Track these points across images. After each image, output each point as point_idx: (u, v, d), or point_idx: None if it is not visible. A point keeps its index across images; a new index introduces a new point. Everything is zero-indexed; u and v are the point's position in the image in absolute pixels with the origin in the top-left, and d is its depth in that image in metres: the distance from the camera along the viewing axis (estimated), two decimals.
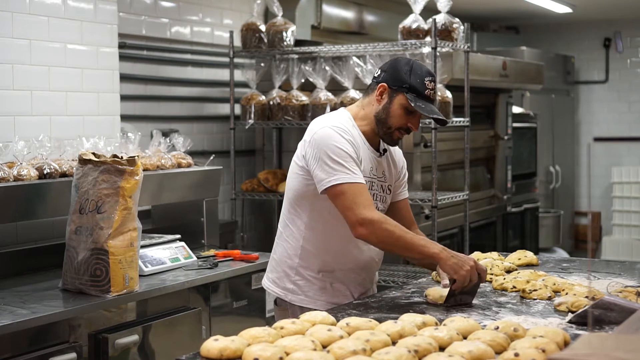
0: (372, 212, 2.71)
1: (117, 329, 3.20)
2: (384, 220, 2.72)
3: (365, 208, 2.70)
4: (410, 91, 2.81)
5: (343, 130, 2.79)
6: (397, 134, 2.88)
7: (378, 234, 2.71)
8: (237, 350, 2.07)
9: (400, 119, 2.84)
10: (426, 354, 2.05)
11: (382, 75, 2.88)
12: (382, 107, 2.86)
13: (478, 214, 6.13)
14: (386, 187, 2.98)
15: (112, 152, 3.60)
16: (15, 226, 3.73)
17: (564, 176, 8.75)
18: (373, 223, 2.69)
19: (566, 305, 2.60)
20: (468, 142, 4.96)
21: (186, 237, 3.99)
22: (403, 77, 2.82)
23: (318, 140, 2.78)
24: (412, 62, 2.87)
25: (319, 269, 2.89)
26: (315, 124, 2.87)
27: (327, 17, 5.95)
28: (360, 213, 2.70)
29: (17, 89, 3.81)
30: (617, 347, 1.58)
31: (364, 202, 2.71)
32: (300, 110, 4.98)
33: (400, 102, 2.83)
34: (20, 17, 3.82)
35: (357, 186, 2.72)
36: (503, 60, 6.10)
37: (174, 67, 5.15)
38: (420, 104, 2.81)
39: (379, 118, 2.86)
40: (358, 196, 2.71)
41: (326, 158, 2.74)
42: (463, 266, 2.65)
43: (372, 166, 2.91)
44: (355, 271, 2.93)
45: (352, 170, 2.74)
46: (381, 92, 2.86)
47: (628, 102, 9.30)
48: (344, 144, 2.76)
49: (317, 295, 2.89)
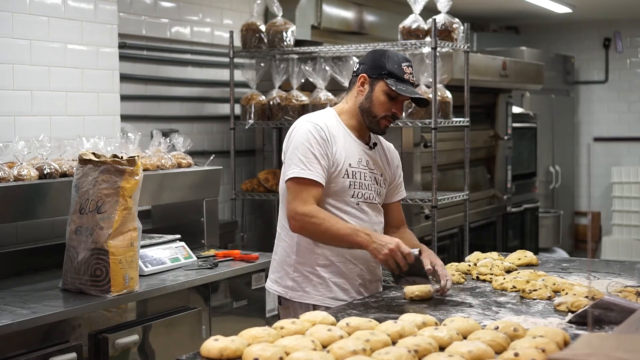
0: (304, 207, 2.78)
1: (117, 329, 3.20)
2: (314, 214, 2.78)
3: (302, 203, 2.79)
4: (389, 77, 2.89)
5: (318, 125, 2.87)
6: (383, 122, 2.94)
7: (307, 227, 2.80)
8: (237, 350, 2.07)
9: (383, 105, 2.91)
10: (426, 354, 2.05)
11: (361, 67, 2.96)
12: (365, 97, 2.93)
13: (478, 214, 6.13)
14: (380, 180, 3.02)
15: (112, 152, 3.60)
16: (15, 226, 3.73)
17: (564, 176, 8.75)
18: (302, 217, 2.78)
19: (566, 305, 2.60)
20: (468, 142, 4.96)
21: (186, 237, 3.99)
22: (381, 64, 2.90)
23: (291, 135, 2.90)
24: (387, 50, 2.97)
25: (316, 263, 2.92)
26: (298, 120, 2.97)
27: (327, 17, 5.95)
28: (294, 208, 2.80)
29: (17, 89, 3.81)
30: (617, 347, 1.59)
31: (303, 197, 2.79)
32: (300, 110, 4.98)
33: (382, 89, 2.90)
34: (20, 17, 3.82)
35: (304, 182, 2.80)
36: (503, 60, 6.10)
37: (174, 67, 5.15)
38: (401, 87, 2.89)
39: (363, 108, 2.93)
40: (300, 191, 2.80)
41: (291, 152, 2.86)
42: (382, 249, 2.72)
43: (361, 158, 2.96)
44: (352, 262, 2.95)
45: (307, 166, 2.81)
46: (362, 83, 2.93)
47: (628, 102, 9.30)
48: (310, 140, 2.83)
49: (315, 291, 2.91)
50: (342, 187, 2.90)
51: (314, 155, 2.82)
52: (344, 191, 2.90)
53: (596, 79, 9.43)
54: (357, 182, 2.92)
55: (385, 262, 2.75)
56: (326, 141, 2.85)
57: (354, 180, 2.92)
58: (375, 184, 2.99)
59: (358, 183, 2.92)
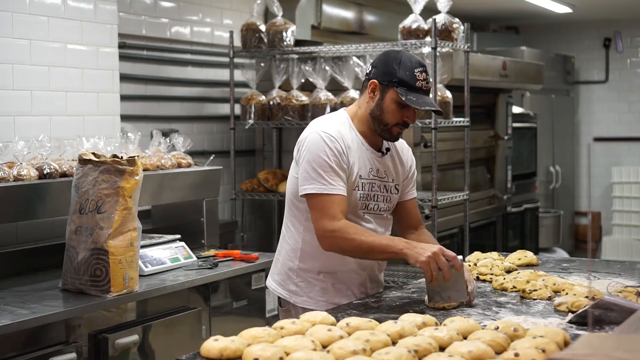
0: (333, 223, 2.70)
1: (117, 329, 3.20)
2: (344, 229, 2.70)
3: (330, 219, 2.70)
4: (400, 85, 2.76)
5: (333, 136, 2.76)
6: (395, 130, 2.84)
7: (339, 244, 2.72)
8: (237, 351, 2.07)
9: (394, 114, 2.80)
10: (426, 354, 2.05)
11: (373, 71, 2.84)
12: (376, 104, 2.82)
13: (478, 214, 6.13)
14: (391, 186, 2.94)
15: (112, 152, 3.60)
16: (15, 226, 3.73)
17: (564, 176, 8.75)
18: (333, 234, 2.70)
19: (566, 305, 2.60)
20: (468, 142, 4.96)
21: (186, 237, 3.99)
22: (392, 71, 2.77)
23: (305, 145, 2.78)
24: (400, 54, 2.81)
25: (319, 270, 2.89)
26: (310, 126, 2.86)
27: (327, 17, 5.95)
28: (323, 226, 2.71)
29: (17, 89, 3.81)
30: (617, 347, 1.58)
31: (331, 214, 2.70)
32: (300, 110, 4.98)
33: (392, 97, 2.78)
34: (20, 17, 3.82)
35: (328, 198, 2.71)
36: (503, 60, 6.10)
37: (174, 67, 5.15)
38: (412, 97, 2.76)
39: (374, 115, 2.83)
40: (326, 208, 2.71)
41: (307, 165, 2.74)
42: (424, 253, 2.63)
43: (372, 167, 2.87)
44: (356, 272, 2.92)
45: (329, 181, 2.72)
46: (373, 89, 2.82)
47: (628, 102, 9.30)
48: (327, 152, 2.73)
49: (319, 296, 2.88)
50: (353, 199, 2.82)
51: (332, 168, 2.72)
52: (355, 204, 2.83)
53: (596, 79, 9.42)
54: (366, 193, 2.85)
55: (427, 266, 2.62)
56: (342, 153, 2.76)
57: (363, 192, 2.85)
58: (385, 192, 2.92)
59: (366, 195, 2.86)
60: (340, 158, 2.75)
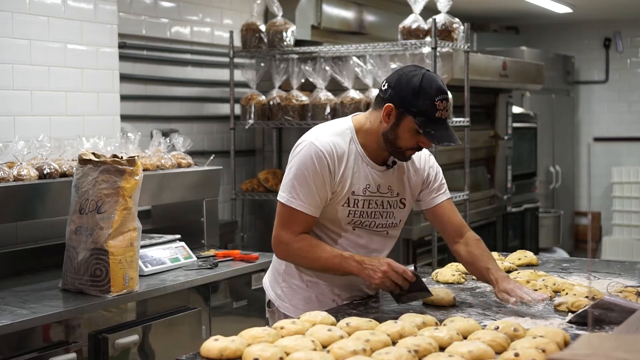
0: (289, 236, 2.68)
1: (117, 329, 3.20)
2: (299, 243, 2.68)
3: (288, 232, 2.68)
4: (419, 115, 2.58)
5: (323, 152, 2.65)
6: (409, 153, 2.71)
7: (292, 256, 2.73)
8: (237, 350, 2.07)
9: (409, 140, 2.64)
10: (426, 354, 2.05)
11: (389, 92, 2.63)
12: (390, 127, 2.64)
13: (478, 214, 6.13)
14: (395, 201, 2.78)
15: (112, 152, 3.60)
16: (15, 226, 3.73)
17: (564, 176, 8.75)
18: (287, 247, 2.70)
19: (566, 305, 2.60)
20: (468, 142, 4.96)
21: (186, 237, 3.99)
22: (411, 100, 2.58)
23: (297, 151, 2.71)
24: (421, 78, 2.59)
25: (303, 278, 2.82)
26: (309, 132, 2.76)
27: (327, 17, 5.95)
28: (279, 235, 2.71)
29: (17, 89, 3.81)
30: (617, 347, 1.58)
31: (291, 227, 2.68)
32: (300, 111, 4.98)
33: (409, 125, 2.61)
34: (20, 17, 3.82)
35: (294, 212, 2.66)
36: (503, 60, 6.10)
37: (174, 67, 5.15)
38: (430, 130, 2.59)
39: (387, 138, 2.66)
40: (289, 220, 2.68)
41: (289, 172, 2.70)
42: (375, 274, 2.61)
43: (370, 183, 2.72)
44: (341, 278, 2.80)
45: (300, 197, 2.65)
46: (388, 113, 2.62)
47: (628, 102, 9.30)
48: (310, 169, 2.64)
49: (301, 305, 2.79)
50: (341, 215, 2.71)
51: (309, 185, 2.64)
52: (342, 219, 2.74)
53: (596, 79, 9.42)
54: (359, 210, 2.72)
55: (382, 286, 2.62)
56: (329, 171, 2.65)
57: (354, 209, 2.71)
58: (387, 207, 2.77)
59: (359, 212, 2.72)
60: (324, 177, 2.65)
